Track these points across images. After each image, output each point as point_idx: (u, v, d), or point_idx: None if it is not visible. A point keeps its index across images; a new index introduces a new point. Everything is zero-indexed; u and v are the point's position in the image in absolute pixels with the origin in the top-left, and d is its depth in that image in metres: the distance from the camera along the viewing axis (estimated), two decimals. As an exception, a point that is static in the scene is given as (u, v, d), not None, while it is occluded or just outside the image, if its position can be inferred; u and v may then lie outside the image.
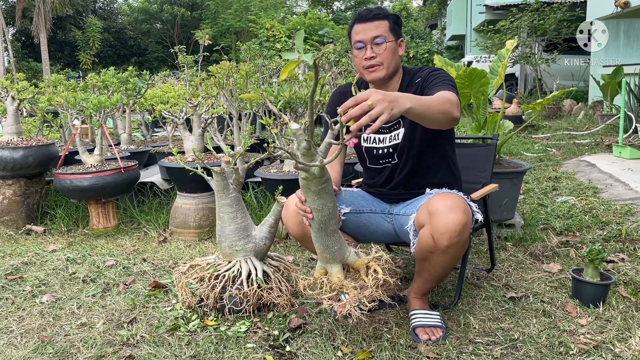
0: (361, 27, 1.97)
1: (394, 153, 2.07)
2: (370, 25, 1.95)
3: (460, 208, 1.75)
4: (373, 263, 1.76)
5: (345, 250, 1.76)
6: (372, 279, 1.72)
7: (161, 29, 30.63)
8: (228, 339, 1.96)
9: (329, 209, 1.65)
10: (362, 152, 2.16)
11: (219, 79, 3.69)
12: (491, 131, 3.29)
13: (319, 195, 1.62)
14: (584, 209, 3.67)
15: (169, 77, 9.72)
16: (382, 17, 1.96)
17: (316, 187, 1.60)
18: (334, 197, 1.67)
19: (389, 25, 1.97)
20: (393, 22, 1.98)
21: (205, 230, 3.35)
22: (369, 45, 1.95)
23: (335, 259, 1.75)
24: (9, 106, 3.65)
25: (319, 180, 1.57)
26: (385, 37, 1.95)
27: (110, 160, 3.79)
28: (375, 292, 1.71)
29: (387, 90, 1.95)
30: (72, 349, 1.92)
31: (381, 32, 1.95)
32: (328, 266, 1.78)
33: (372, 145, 2.12)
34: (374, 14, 1.96)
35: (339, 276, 1.76)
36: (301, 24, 19.68)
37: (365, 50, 1.96)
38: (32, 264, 2.87)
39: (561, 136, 7.65)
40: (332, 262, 1.76)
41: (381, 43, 1.95)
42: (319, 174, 1.55)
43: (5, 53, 22.44)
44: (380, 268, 1.74)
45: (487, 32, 12.24)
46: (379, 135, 2.09)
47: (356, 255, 1.78)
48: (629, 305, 2.17)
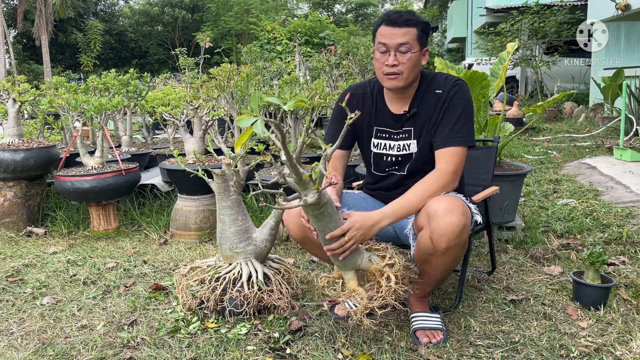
0: (389, 30, 1.87)
1: (402, 163, 2.05)
2: (398, 31, 1.86)
3: (458, 210, 1.75)
4: (387, 269, 1.75)
5: (358, 257, 1.76)
6: (384, 286, 1.72)
7: (162, 31, 30.67)
8: (228, 342, 1.95)
9: (330, 229, 1.66)
10: (369, 158, 2.13)
11: (220, 82, 3.70)
12: (492, 134, 3.29)
13: (318, 219, 1.65)
14: (585, 211, 3.67)
15: (170, 79, 9.74)
16: (412, 24, 1.86)
17: (313, 212, 1.62)
18: (335, 216, 1.67)
19: (417, 34, 1.87)
20: (421, 30, 1.89)
21: (206, 232, 3.35)
22: (392, 52, 1.87)
23: (346, 267, 1.76)
24: (10, 108, 3.66)
25: (316, 207, 1.60)
26: (411, 47, 1.86)
27: (111, 162, 3.79)
28: (384, 300, 1.71)
29: (403, 96, 1.99)
30: (73, 351, 1.92)
31: (408, 39, 1.86)
32: (342, 272, 1.79)
33: (381, 152, 2.08)
34: (404, 20, 1.86)
35: (352, 282, 1.77)
36: (302, 26, 19.72)
37: (388, 56, 1.88)
38: (33, 266, 2.87)
39: (562, 139, 7.65)
40: (345, 270, 1.77)
41: (406, 52, 1.86)
42: (314, 203, 1.56)
43: (7, 55, 22.48)
44: (393, 275, 1.73)
45: (488, 34, 12.26)
46: (389, 141, 2.06)
47: (369, 261, 1.77)
48: (630, 308, 2.17)
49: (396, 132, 2.03)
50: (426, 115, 1.96)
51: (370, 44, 5.78)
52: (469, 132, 1.91)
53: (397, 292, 1.72)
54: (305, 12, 31.22)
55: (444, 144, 1.90)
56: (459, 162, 1.89)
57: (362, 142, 2.13)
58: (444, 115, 1.92)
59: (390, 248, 1.83)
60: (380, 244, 1.85)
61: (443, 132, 1.91)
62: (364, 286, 1.78)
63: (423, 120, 1.97)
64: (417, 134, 1.99)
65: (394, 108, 2.02)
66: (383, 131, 2.05)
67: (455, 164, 1.88)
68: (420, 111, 1.97)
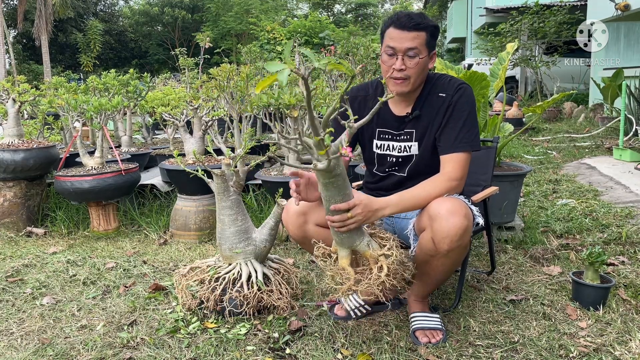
0: (397, 33, 1.84)
1: (402, 164, 2.05)
2: (407, 35, 1.82)
3: (461, 212, 1.75)
4: (382, 259, 1.73)
5: (357, 238, 1.74)
6: (374, 274, 1.71)
7: (162, 31, 30.67)
8: (228, 342, 1.96)
9: (336, 201, 1.66)
10: (372, 158, 2.12)
11: (220, 82, 3.70)
12: (491, 134, 3.29)
13: (327, 188, 1.64)
14: (584, 211, 3.67)
15: (170, 79, 9.74)
16: (422, 28, 1.83)
17: (324, 179, 1.61)
18: (344, 190, 1.65)
19: (426, 39, 1.84)
20: (430, 34, 1.85)
21: (206, 232, 3.35)
22: (400, 56, 1.84)
23: (343, 244, 1.75)
24: (10, 108, 3.66)
25: (328, 174, 1.59)
26: (419, 52, 1.84)
27: (110, 162, 3.79)
28: (369, 288, 1.69)
29: (406, 98, 1.98)
30: (72, 351, 1.92)
31: (417, 44, 1.83)
32: (338, 247, 1.78)
33: (384, 152, 2.07)
34: (414, 24, 1.82)
35: (344, 260, 1.75)
36: (302, 26, 19.72)
37: (395, 60, 1.85)
38: (33, 266, 2.87)
39: (561, 139, 7.65)
40: (341, 246, 1.76)
41: (414, 57, 1.84)
42: (323, 169, 1.55)
43: (7, 55, 22.48)
44: (386, 266, 1.71)
45: (488, 34, 12.26)
46: (391, 142, 2.05)
47: (367, 246, 1.75)
48: (629, 308, 2.17)
49: (398, 134, 2.03)
50: (429, 119, 1.96)
51: (370, 44, 5.77)
52: (474, 137, 1.91)
53: (384, 284, 1.69)
54: (305, 12, 31.24)
55: (449, 149, 1.90)
56: (465, 167, 1.90)
57: (363, 143, 2.13)
58: (448, 121, 1.91)
59: (393, 240, 1.80)
60: (385, 233, 1.83)
61: (449, 138, 1.90)
62: (355, 268, 1.77)
63: (425, 123, 1.96)
64: (419, 136, 1.99)
65: (396, 110, 2.02)
66: (385, 132, 2.05)
67: (461, 170, 1.89)
68: (423, 114, 1.97)
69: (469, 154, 1.91)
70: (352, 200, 1.67)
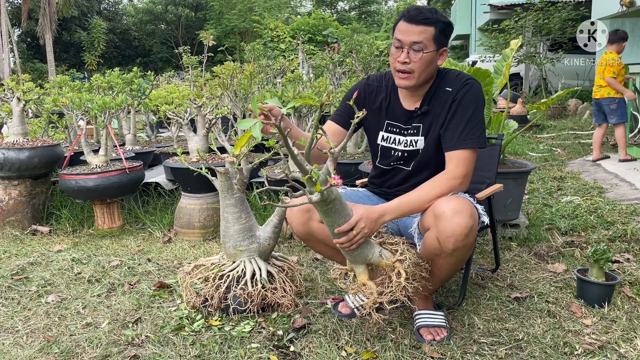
0: (405, 26, 1.83)
1: (407, 159, 2.04)
2: (414, 29, 1.82)
3: (466, 211, 1.73)
4: (398, 264, 1.74)
5: (368, 252, 1.75)
6: (394, 281, 1.72)
7: (165, 29, 30.73)
8: (232, 339, 1.96)
9: (339, 224, 1.66)
10: (376, 150, 2.12)
11: (223, 80, 3.71)
12: (496, 131, 3.28)
13: (327, 214, 1.64)
14: (589, 209, 3.66)
15: (174, 77, 9.76)
16: (430, 22, 1.82)
17: (321, 208, 1.62)
18: (343, 212, 1.65)
19: (434, 34, 1.82)
20: (440, 30, 1.83)
21: (210, 230, 3.36)
22: (406, 49, 1.84)
23: (357, 261, 1.76)
24: (15, 107, 3.67)
25: (323, 203, 1.59)
26: (425, 47, 1.82)
27: (115, 160, 3.80)
28: (393, 295, 1.71)
29: (416, 93, 1.97)
30: (78, 349, 1.93)
31: (423, 39, 1.81)
32: (353, 266, 1.79)
33: (390, 145, 2.06)
34: (422, 18, 1.81)
35: (363, 276, 1.77)
36: (305, 24, 19.70)
37: (401, 52, 1.85)
38: (38, 264, 2.88)
39: (566, 136, 7.62)
40: (356, 264, 1.77)
41: (419, 51, 1.82)
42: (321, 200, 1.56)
43: (11, 54, 22.57)
44: (404, 271, 1.73)
45: (492, 31, 12.20)
46: (398, 136, 2.04)
47: (380, 256, 1.76)
48: (634, 305, 2.16)
49: (405, 128, 2.02)
50: (435, 113, 1.95)
51: (373, 42, 5.77)
52: (480, 134, 1.88)
53: (406, 288, 1.71)
54: (308, 9, 31.17)
55: (454, 146, 1.87)
56: (470, 165, 1.87)
57: (370, 131, 2.12)
58: (453, 116, 1.89)
59: (403, 243, 1.81)
60: (393, 237, 1.84)
61: (453, 134, 1.88)
62: (374, 280, 1.78)
63: (432, 117, 1.96)
64: (425, 130, 1.98)
65: (406, 104, 2.01)
66: (393, 125, 2.05)
67: (465, 167, 1.86)
68: (431, 108, 1.96)
69: (473, 151, 1.88)
70: (353, 218, 1.67)
